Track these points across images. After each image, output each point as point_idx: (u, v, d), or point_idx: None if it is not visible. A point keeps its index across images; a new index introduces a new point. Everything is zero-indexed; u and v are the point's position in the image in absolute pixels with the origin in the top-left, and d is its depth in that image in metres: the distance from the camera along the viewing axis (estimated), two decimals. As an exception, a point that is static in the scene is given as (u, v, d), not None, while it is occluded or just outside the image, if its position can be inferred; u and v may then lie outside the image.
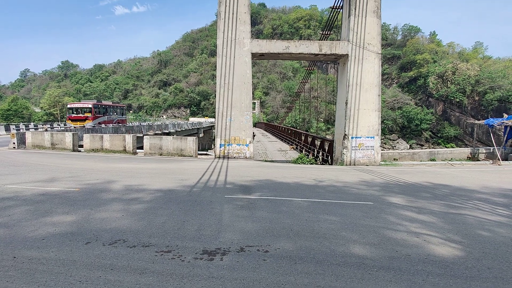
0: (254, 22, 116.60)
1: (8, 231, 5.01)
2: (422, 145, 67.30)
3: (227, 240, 4.90)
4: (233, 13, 16.66)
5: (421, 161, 19.99)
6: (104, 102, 38.96)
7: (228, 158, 16.92)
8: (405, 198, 8.28)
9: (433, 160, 20.59)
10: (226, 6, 16.63)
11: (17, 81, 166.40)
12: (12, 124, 39.20)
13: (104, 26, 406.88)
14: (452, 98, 65.85)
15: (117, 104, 42.33)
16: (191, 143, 17.38)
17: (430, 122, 68.13)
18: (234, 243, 4.76)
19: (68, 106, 34.94)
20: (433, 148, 61.46)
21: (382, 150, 22.61)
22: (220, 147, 17.13)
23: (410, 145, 67.55)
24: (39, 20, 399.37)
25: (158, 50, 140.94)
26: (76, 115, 32.86)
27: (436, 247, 4.83)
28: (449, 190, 9.66)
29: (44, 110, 77.79)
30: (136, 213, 6.19)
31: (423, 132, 69.00)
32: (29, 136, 18.98)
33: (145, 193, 7.88)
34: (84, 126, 28.81)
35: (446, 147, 59.95)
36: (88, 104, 33.63)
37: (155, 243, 4.69)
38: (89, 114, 32.56)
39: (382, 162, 17.71)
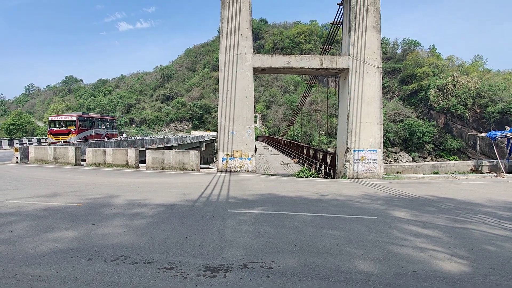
0: (255, 37, 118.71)
1: (9, 248, 4.98)
2: (424, 158, 67.01)
3: (230, 256, 4.84)
4: (235, 29, 17.02)
5: (424, 174, 19.88)
6: (91, 115, 36.94)
7: (231, 172, 16.89)
8: (410, 212, 8.19)
9: (437, 173, 20.47)
10: (228, 22, 17.00)
11: (22, 96, 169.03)
12: (15, 139, 39.34)
13: (108, 42, 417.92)
14: (454, 111, 65.96)
15: (106, 117, 40.41)
16: (193, 157, 17.39)
17: (432, 135, 68.02)
18: (237, 259, 4.70)
19: (50, 119, 32.10)
20: (436, 160, 61.13)
21: (384, 163, 22.51)
22: (223, 160, 17.13)
23: (412, 158, 67.25)
24: (44, 36, 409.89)
25: (161, 65, 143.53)
26: (58, 128, 30.35)
27: (442, 263, 4.75)
28: (453, 204, 9.55)
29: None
30: (138, 228, 6.15)
31: (426, 145, 68.80)
32: (32, 151, 19.08)
33: (147, 208, 7.84)
34: (66, 141, 26.90)
35: (449, 159, 59.68)
36: (72, 117, 31.24)
37: (158, 259, 4.64)
38: (72, 128, 30.14)
39: (385, 175, 17.61)
